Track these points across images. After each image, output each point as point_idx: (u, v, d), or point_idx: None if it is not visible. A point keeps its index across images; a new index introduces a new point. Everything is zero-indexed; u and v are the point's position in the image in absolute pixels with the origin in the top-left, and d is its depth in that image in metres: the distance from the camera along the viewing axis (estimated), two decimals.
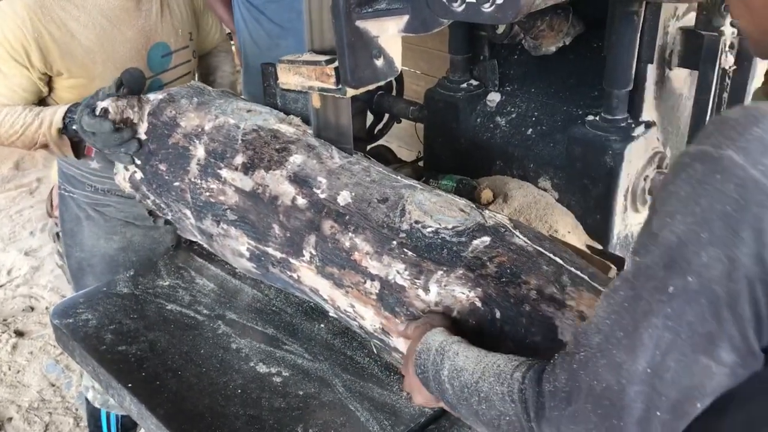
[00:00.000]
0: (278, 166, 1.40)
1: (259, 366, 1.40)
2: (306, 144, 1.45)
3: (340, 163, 1.40)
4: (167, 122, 1.57)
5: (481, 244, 1.16)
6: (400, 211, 1.25)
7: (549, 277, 1.08)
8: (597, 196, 1.67)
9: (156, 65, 1.89)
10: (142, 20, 1.82)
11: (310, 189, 1.35)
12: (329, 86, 1.37)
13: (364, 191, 1.32)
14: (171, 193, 1.55)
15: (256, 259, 1.44)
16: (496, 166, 1.88)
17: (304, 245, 1.32)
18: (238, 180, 1.43)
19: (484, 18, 1.09)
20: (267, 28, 2.82)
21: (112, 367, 1.41)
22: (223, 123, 1.52)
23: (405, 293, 1.19)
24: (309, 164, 1.40)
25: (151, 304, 1.59)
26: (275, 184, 1.39)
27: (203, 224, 1.51)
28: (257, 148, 1.45)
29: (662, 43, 1.59)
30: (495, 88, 1.92)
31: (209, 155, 1.48)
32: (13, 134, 1.72)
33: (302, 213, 1.33)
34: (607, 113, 1.63)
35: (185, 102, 1.60)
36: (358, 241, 1.25)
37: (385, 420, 1.25)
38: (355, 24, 1.24)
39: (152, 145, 1.58)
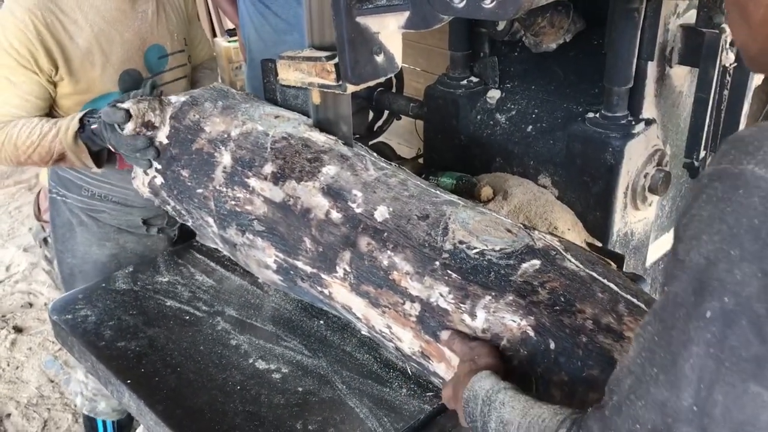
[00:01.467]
0: (310, 177, 1.35)
1: (258, 362, 1.40)
2: (339, 154, 1.40)
3: (375, 176, 1.35)
4: (191, 126, 1.52)
5: (530, 267, 1.10)
6: (442, 230, 1.20)
7: (605, 306, 1.03)
8: (597, 193, 1.66)
9: (153, 66, 1.89)
10: (138, 21, 1.82)
11: (344, 202, 1.30)
12: (329, 82, 1.37)
13: (403, 207, 1.26)
14: (193, 199, 1.50)
15: (283, 272, 1.40)
16: (496, 163, 1.88)
17: (338, 261, 1.27)
18: (267, 190, 1.38)
19: (484, 14, 1.09)
20: (272, 23, 2.81)
21: (111, 363, 1.41)
22: (251, 129, 1.47)
23: (448, 317, 1.13)
24: (343, 176, 1.34)
25: (151, 300, 1.59)
26: (307, 196, 1.33)
27: (226, 233, 1.47)
28: (288, 158, 1.39)
29: (663, 41, 1.59)
30: (495, 85, 1.92)
31: (236, 163, 1.43)
32: (30, 145, 1.68)
33: (337, 228, 1.29)
34: (607, 110, 1.63)
35: (209, 105, 1.56)
36: (398, 260, 1.20)
37: (385, 417, 1.25)
38: (355, 20, 1.24)
39: (174, 150, 1.52)
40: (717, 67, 1.47)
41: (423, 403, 1.28)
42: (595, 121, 1.65)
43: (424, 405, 1.28)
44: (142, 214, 2.00)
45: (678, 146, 1.79)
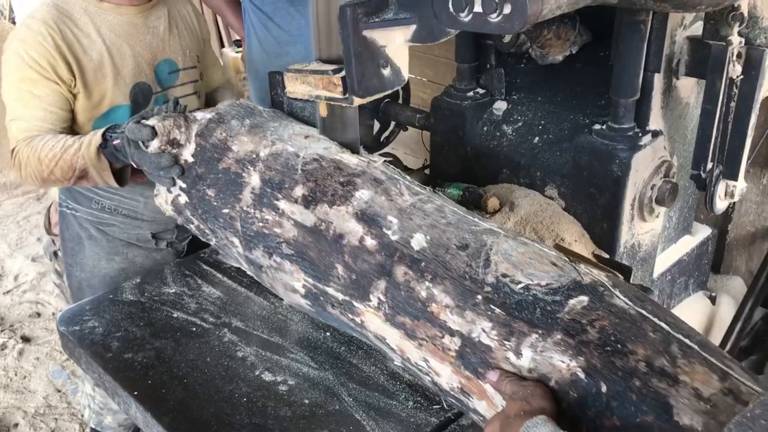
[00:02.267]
0: (343, 202, 1.30)
1: (264, 374, 1.40)
2: (372, 177, 1.34)
3: (410, 201, 1.29)
4: (217, 145, 1.49)
5: (578, 304, 1.05)
6: (483, 261, 1.14)
7: (657, 347, 0.98)
8: (604, 204, 1.66)
9: (164, 80, 1.91)
10: (149, 36, 1.85)
11: (379, 229, 1.25)
12: (336, 95, 1.37)
13: (441, 235, 1.21)
14: (218, 219, 1.47)
15: (312, 297, 1.36)
16: (503, 175, 1.88)
17: (372, 290, 1.23)
18: (297, 213, 1.34)
19: (491, 28, 1.09)
20: (275, 34, 2.83)
21: (118, 374, 1.41)
22: (280, 150, 1.42)
23: (491, 354, 1.08)
24: (377, 201, 1.29)
25: (158, 311, 1.59)
26: (340, 221, 1.29)
27: (252, 254, 1.43)
28: (319, 180, 1.35)
29: (669, 53, 1.59)
30: (501, 96, 1.93)
31: (265, 184, 1.39)
32: (53, 158, 1.66)
33: (371, 255, 1.24)
34: (613, 122, 1.63)
35: (236, 123, 1.51)
36: (437, 292, 1.15)
37: (391, 429, 1.25)
38: (362, 34, 1.25)
39: (200, 169, 1.49)
40: (724, 78, 1.47)
41: (429, 416, 1.28)
42: (601, 133, 1.65)
43: (430, 418, 1.28)
44: (150, 227, 2.01)
45: (685, 158, 1.78)
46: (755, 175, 2.26)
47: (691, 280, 2.08)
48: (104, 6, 1.77)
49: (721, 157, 1.56)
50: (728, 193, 1.60)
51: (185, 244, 2.11)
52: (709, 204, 1.61)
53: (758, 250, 2.37)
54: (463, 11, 1.10)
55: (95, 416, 2.06)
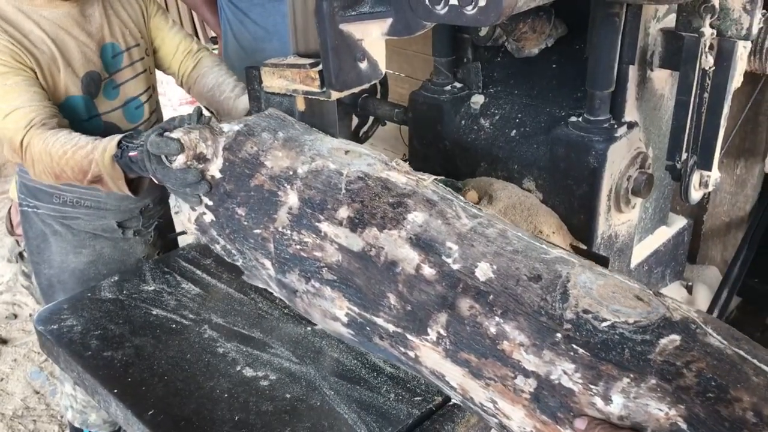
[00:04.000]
0: (395, 225, 1.21)
1: (245, 370, 1.39)
2: (424, 198, 1.25)
3: (470, 225, 1.20)
4: (248, 160, 1.38)
5: (670, 344, 0.96)
6: (560, 295, 1.05)
7: (762, 393, 0.89)
8: (581, 196, 1.68)
9: (109, 65, 1.88)
10: (88, 24, 1.82)
11: (438, 257, 1.16)
12: (314, 89, 1.38)
13: (508, 264, 1.11)
14: (248, 240, 1.37)
15: (357, 326, 1.27)
16: (481, 168, 1.89)
17: (431, 323, 1.14)
18: (342, 237, 1.25)
19: (466, 20, 1.10)
20: (252, 30, 2.83)
21: (98, 372, 1.40)
22: (321, 167, 1.33)
23: (573, 398, 0.99)
24: (433, 225, 1.20)
25: (137, 309, 1.58)
26: (392, 246, 1.19)
27: (286, 278, 1.34)
28: (366, 201, 1.25)
29: (643, 45, 1.61)
30: (479, 90, 1.93)
31: (305, 204, 1.30)
32: (63, 155, 1.57)
33: (430, 286, 1.15)
34: (589, 114, 1.64)
35: (268, 136, 1.41)
36: (509, 328, 1.06)
37: (373, 422, 1.25)
38: (338, 27, 1.25)
39: (228, 186, 1.38)
40: (697, 70, 1.49)
41: (411, 408, 1.29)
42: (577, 125, 1.66)
43: (412, 409, 1.28)
44: (115, 216, 1.99)
45: (660, 149, 1.81)
46: (729, 165, 2.29)
47: (668, 270, 2.10)
48: (36, 2, 1.73)
49: (696, 147, 1.58)
50: (703, 183, 1.63)
51: (152, 231, 2.09)
52: (684, 194, 1.63)
53: (732, 240, 2.41)
54: (438, 4, 1.11)
55: (79, 416, 2.05)
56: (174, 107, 5.39)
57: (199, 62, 2.08)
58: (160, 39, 2.04)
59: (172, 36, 2.05)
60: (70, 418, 2.07)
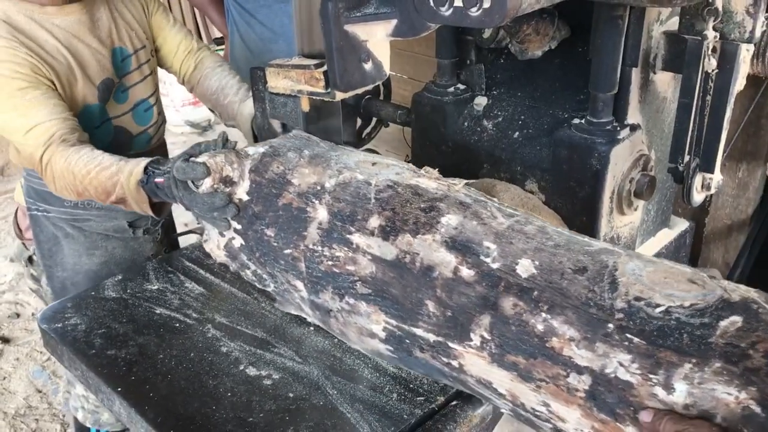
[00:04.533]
0: (428, 230, 1.18)
1: (248, 369, 1.40)
2: (457, 201, 1.22)
3: (507, 224, 1.16)
4: (275, 179, 1.37)
5: (731, 326, 0.92)
6: (609, 285, 1.01)
7: None
8: (583, 198, 1.68)
9: (120, 69, 1.88)
10: (97, 29, 1.82)
11: (476, 257, 1.12)
12: (318, 90, 1.38)
13: (551, 259, 1.08)
14: (279, 262, 1.35)
15: (395, 341, 1.23)
16: (484, 169, 1.90)
17: (473, 327, 1.10)
18: (375, 247, 1.22)
19: (471, 22, 1.10)
20: (259, 32, 2.83)
21: (102, 371, 1.41)
22: (349, 179, 1.30)
23: (632, 391, 0.95)
24: (468, 226, 1.16)
25: (140, 308, 1.59)
26: (427, 251, 1.16)
27: (319, 298, 1.31)
28: (397, 208, 1.23)
29: (646, 47, 1.61)
30: (482, 92, 1.94)
31: (334, 217, 1.27)
32: (86, 174, 1.57)
33: (470, 287, 1.11)
34: (592, 116, 1.64)
35: (293, 156, 1.39)
36: (556, 323, 1.02)
37: (376, 422, 1.26)
38: (343, 28, 1.26)
39: (256, 207, 1.37)
40: (700, 72, 1.49)
41: (414, 407, 1.29)
42: (580, 127, 1.67)
43: (414, 409, 1.29)
44: (126, 216, 1.99)
45: (663, 151, 1.81)
46: (731, 168, 2.30)
47: None
48: (48, 10, 1.72)
49: (698, 150, 1.58)
50: (705, 185, 1.63)
51: (160, 229, 2.10)
52: (687, 197, 1.63)
53: (734, 243, 2.41)
54: (443, 5, 1.11)
55: (91, 416, 2.05)
56: (176, 108, 5.41)
57: (201, 62, 2.07)
58: (162, 38, 2.03)
59: (174, 34, 2.04)
60: (81, 418, 2.07)
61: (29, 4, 1.70)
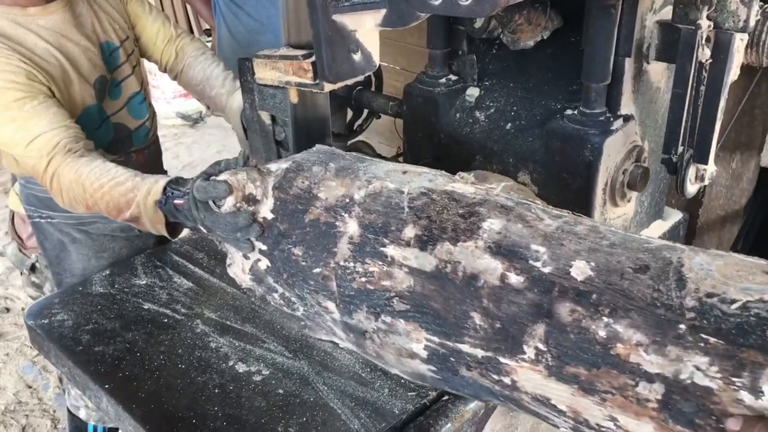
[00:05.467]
0: (469, 236, 1.10)
1: (238, 365, 1.38)
2: (498, 205, 1.14)
3: (555, 225, 1.09)
4: (300, 195, 1.29)
5: None
6: (675, 282, 0.93)
7: None
8: (576, 189, 1.67)
9: (110, 64, 1.84)
10: (82, 26, 1.77)
11: (525, 262, 1.04)
12: (307, 81, 1.36)
13: (607, 259, 1.00)
14: (308, 282, 1.26)
15: (438, 360, 1.14)
16: (476, 161, 1.88)
17: (526, 339, 1.01)
18: (412, 258, 1.13)
19: (461, 12, 1.08)
20: (246, 23, 2.81)
21: (89, 368, 1.39)
22: (379, 189, 1.23)
23: (713, 397, 0.87)
24: (513, 229, 1.08)
25: (128, 303, 1.57)
26: (470, 258, 1.08)
27: (353, 319, 1.23)
28: (433, 216, 1.15)
29: (639, 37, 1.60)
30: (474, 82, 1.92)
31: (366, 230, 1.19)
32: (98, 188, 1.49)
33: (520, 295, 1.02)
34: (585, 107, 1.63)
35: (319, 169, 1.32)
36: (620, 327, 0.93)
37: (366, 417, 1.24)
38: (332, 18, 1.23)
39: (282, 225, 1.29)
40: (693, 62, 1.48)
41: (405, 403, 1.28)
42: (573, 118, 1.65)
43: (406, 405, 1.27)
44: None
45: (656, 142, 1.80)
46: (725, 159, 2.29)
47: None
48: (31, 11, 1.66)
49: (692, 140, 1.57)
50: (698, 176, 1.62)
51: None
52: (680, 188, 1.62)
53: (728, 234, 2.41)
54: None
55: (95, 413, 2.02)
56: (167, 100, 5.38)
57: (182, 49, 2.01)
58: (140, 26, 1.97)
59: (151, 22, 1.98)
60: (85, 416, 2.03)
61: (10, 8, 1.64)
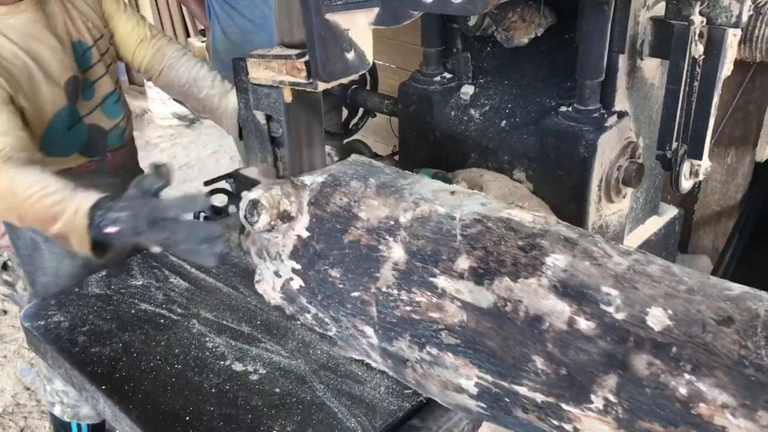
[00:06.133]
0: (531, 272, 1.03)
1: (235, 364, 1.38)
2: (560, 237, 1.07)
3: (625, 264, 1.02)
4: (339, 213, 1.23)
5: None
6: (765, 339, 0.87)
7: None
8: (571, 186, 1.67)
9: (82, 64, 1.81)
10: (54, 25, 1.74)
11: (596, 306, 0.97)
12: (300, 80, 1.36)
13: (687, 307, 0.93)
14: (345, 305, 1.21)
15: (490, 398, 1.08)
16: (471, 159, 1.88)
17: (595, 388, 0.95)
18: (465, 292, 1.07)
19: (453, 9, 1.08)
20: (239, 23, 2.81)
21: (85, 369, 1.38)
22: (428, 212, 1.16)
23: None
24: (581, 267, 1.01)
25: (125, 304, 1.57)
26: (533, 298, 1.01)
27: (393, 346, 1.17)
28: (490, 247, 1.07)
29: (633, 33, 1.60)
30: (468, 80, 1.92)
31: (413, 257, 1.13)
32: (28, 198, 1.38)
33: (590, 343, 0.95)
34: (579, 104, 1.63)
35: (358, 185, 1.25)
36: (704, 387, 0.87)
37: (363, 416, 1.25)
38: (325, 17, 1.23)
39: (318, 245, 1.23)
40: (687, 58, 1.48)
41: (402, 401, 1.28)
42: (567, 115, 1.65)
43: (402, 403, 1.27)
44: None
45: (651, 138, 1.80)
46: (719, 154, 2.29)
47: None
48: (1, 11, 1.63)
49: (686, 136, 1.57)
50: (693, 172, 1.62)
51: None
52: (675, 183, 1.63)
53: (723, 229, 2.41)
54: None
55: (70, 410, 2.03)
56: (164, 100, 5.36)
57: (159, 50, 1.96)
58: (113, 25, 1.93)
59: (125, 21, 1.93)
60: (59, 413, 2.05)
61: None
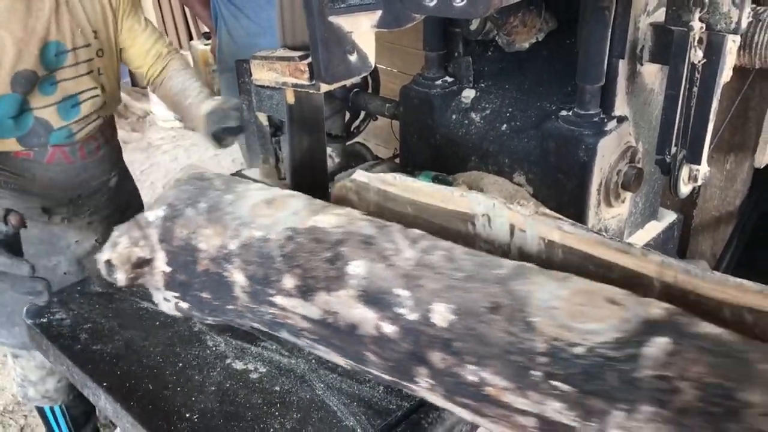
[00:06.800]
0: (339, 284, 1.08)
1: (235, 362, 1.39)
2: (359, 239, 1.12)
3: (413, 258, 1.06)
4: (184, 246, 1.26)
5: (660, 352, 0.80)
6: (525, 324, 0.91)
7: None
8: (571, 190, 1.68)
9: (50, 63, 1.83)
10: (32, 19, 1.77)
11: (392, 310, 1.03)
12: (303, 82, 1.37)
13: (463, 298, 0.98)
14: (228, 315, 1.29)
15: (359, 372, 1.21)
16: (472, 162, 1.89)
17: (415, 375, 1.04)
18: (299, 307, 1.14)
19: (455, 13, 1.10)
20: (245, 26, 2.83)
21: (87, 366, 1.40)
22: (248, 240, 1.20)
23: None
24: (375, 271, 1.06)
25: (126, 302, 1.58)
26: (345, 308, 1.08)
27: (281, 334, 1.26)
28: (303, 263, 1.13)
29: (633, 39, 1.61)
30: (469, 84, 1.93)
31: (251, 281, 1.19)
32: None
33: (397, 344, 1.03)
34: (579, 108, 1.64)
35: (191, 213, 1.27)
36: (486, 375, 0.94)
37: (362, 414, 1.26)
38: (328, 19, 1.25)
39: (181, 276, 1.27)
40: (686, 64, 1.49)
41: (401, 400, 1.29)
42: (568, 119, 1.67)
43: (401, 401, 1.28)
44: (42, 202, 1.95)
45: (650, 143, 1.81)
46: (718, 160, 2.30)
47: None
48: None
49: (685, 141, 1.58)
50: (692, 177, 1.63)
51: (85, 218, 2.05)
52: (674, 188, 1.64)
53: (722, 235, 2.42)
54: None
55: (20, 389, 2.06)
56: None
57: (167, 65, 2.09)
58: (132, 39, 2.03)
59: (145, 39, 2.05)
60: (33, 394, 2.08)
61: None
